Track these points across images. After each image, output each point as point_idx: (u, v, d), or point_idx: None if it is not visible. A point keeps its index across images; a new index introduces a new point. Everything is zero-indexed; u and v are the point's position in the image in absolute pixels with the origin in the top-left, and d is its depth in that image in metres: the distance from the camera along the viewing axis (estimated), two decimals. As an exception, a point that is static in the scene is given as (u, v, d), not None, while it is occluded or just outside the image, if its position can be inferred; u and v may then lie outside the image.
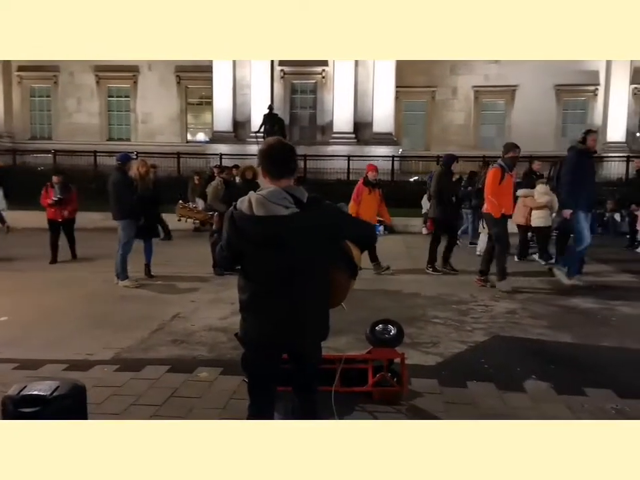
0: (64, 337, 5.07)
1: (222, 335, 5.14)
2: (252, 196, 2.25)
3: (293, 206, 2.21)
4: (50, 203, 8.76)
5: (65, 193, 8.76)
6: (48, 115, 22.46)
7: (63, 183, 8.84)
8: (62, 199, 8.68)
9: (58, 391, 2.46)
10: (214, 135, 20.61)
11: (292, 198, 2.22)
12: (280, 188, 2.24)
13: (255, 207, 2.22)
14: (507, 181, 6.94)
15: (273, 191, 2.23)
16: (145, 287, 7.19)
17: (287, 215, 2.20)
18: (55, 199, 8.69)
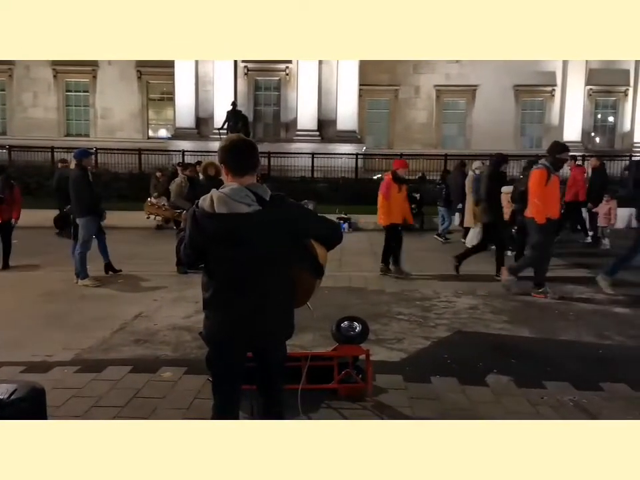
0: (21, 338, 4.91)
1: (186, 333, 5.07)
2: (214, 193, 2.24)
3: (255, 204, 2.20)
4: None
5: (5, 192, 7.87)
6: (2, 109, 21.64)
7: (3, 180, 8.01)
8: (2, 199, 7.75)
9: (16, 394, 2.38)
10: (176, 132, 20.29)
11: (254, 196, 2.21)
12: (242, 186, 2.23)
13: (217, 204, 2.20)
14: (554, 182, 6.32)
15: (235, 189, 2.22)
16: (106, 285, 7.03)
17: (248, 213, 2.19)
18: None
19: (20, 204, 8.22)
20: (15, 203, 8.08)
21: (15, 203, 8.08)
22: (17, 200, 8.15)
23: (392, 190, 7.58)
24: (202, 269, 2.38)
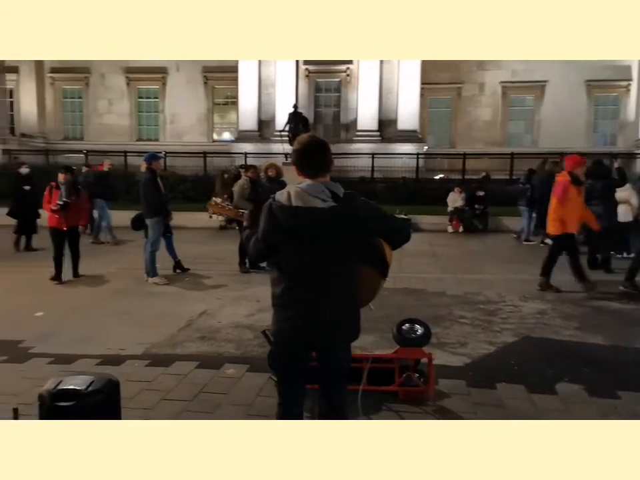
0: (96, 332, 5.19)
1: (248, 331, 5.19)
2: (291, 188, 2.29)
3: (330, 200, 2.23)
4: (54, 207, 7.15)
5: (72, 196, 7.23)
6: (80, 116, 22.95)
7: (71, 183, 7.40)
8: (68, 203, 7.11)
9: (93, 386, 2.52)
10: (239, 134, 20.77)
11: (330, 192, 2.25)
12: (318, 182, 2.27)
13: (294, 198, 2.24)
14: None
15: (312, 184, 2.26)
16: (173, 283, 7.30)
17: (323, 208, 2.22)
18: (60, 202, 7.10)
19: (87, 210, 7.79)
20: (82, 209, 7.63)
21: (82, 209, 7.63)
22: (84, 206, 7.70)
23: (570, 193, 6.45)
24: (272, 265, 2.42)
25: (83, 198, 7.54)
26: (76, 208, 7.30)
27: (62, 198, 7.07)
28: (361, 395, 2.91)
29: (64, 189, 7.16)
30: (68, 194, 7.14)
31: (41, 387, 2.64)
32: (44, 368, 4.19)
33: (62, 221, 7.12)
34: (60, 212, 7.08)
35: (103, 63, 21.96)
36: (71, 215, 7.22)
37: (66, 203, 7.06)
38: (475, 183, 14.06)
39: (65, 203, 7.06)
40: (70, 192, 7.19)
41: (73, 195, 7.24)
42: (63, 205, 7.03)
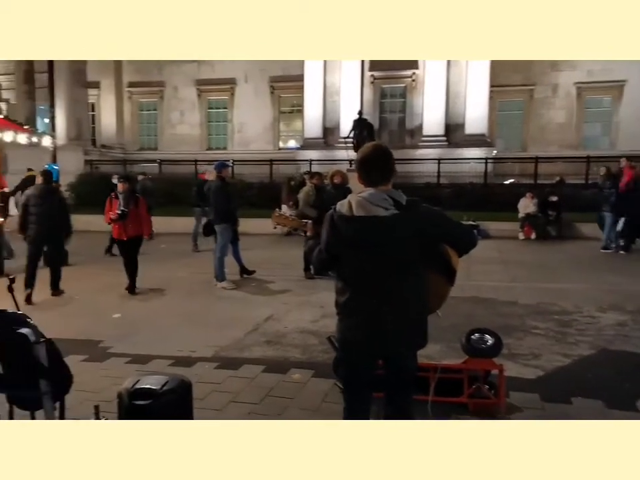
0: (168, 334, 5.41)
1: (313, 337, 5.24)
2: (352, 198, 2.30)
3: (392, 208, 2.23)
4: (112, 217, 7.07)
5: (130, 205, 7.09)
6: (154, 127, 24.08)
7: (129, 192, 7.26)
8: (125, 213, 6.99)
9: (167, 386, 2.64)
10: (304, 142, 21.04)
11: (392, 200, 2.24)
12: (379, 190, 2.27)
13: (355, 207, 2.26)
14: None
15: (374, 193, 2.26)
16: (241, 288, 7.50)
17: (385, 216, 2.22)
18: (117, 212, 7.00)
19: (148, 218, 7.41)
20: (142, 218, 7.25)
21: (142, 218, 7.25)
22: (143, 215, 7.27)
23: None
24: (332, 275, 2.44)
25: (142, 207, 7.26)
26: (135, 217, 7.10)
27: (120, 207, 7.01)
28: (430, 405, 2.86)
29: (122, 198, 7.07)
30: (126, 203, 7.04)
31: (119, 385, 2.79)
32: (122, 367, 4.42)
33: (121, 231, 7.09)
34: (118, 221, 7.02)
35: (177, 77, 22.94)
36: (131, 225, 7.06)
37: (123, 213, 6.97)
38: (548, 188, 13.49)
39: (123, 213, 6.97)
40: (128, 201, 7.07)
41: (132, 204, 7.09)
42: (121, 214, 6.96)
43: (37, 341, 2.23)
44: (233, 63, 22.06)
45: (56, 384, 2.34)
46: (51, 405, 2.33)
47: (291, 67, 21.03)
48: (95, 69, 22.35)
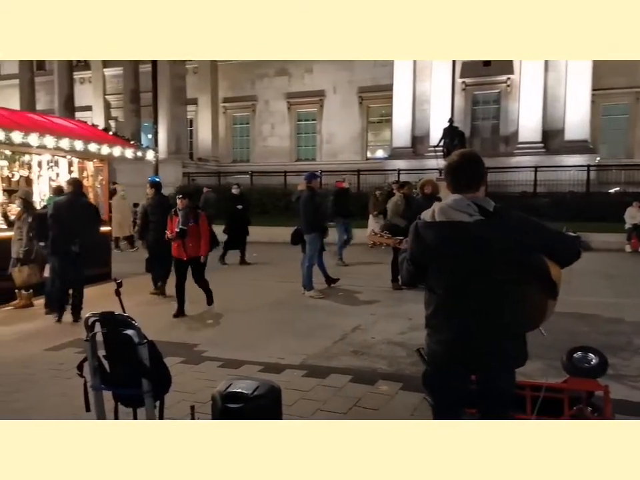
0: (258, 340, 5.55)
1: (400, 349, 5.15)
2: (436, 205, 2.24)
3: (477, 214, 2.13)
4: (170, 236, 6.59)
5: (188, 222, 6.54)
6: (247, 140, 25.10)
7: (189, 208, 6.69)
8: (185, 231, 6.47)
9: (258, 391, 2.70)
10: (392, 151, 20.93)
11: (476, 207, 2.15)
12: (464, 197, 2.19)
13: (437, 214, 2.19)
14: None
15: (457, 199, 2.19)
16: (328, 297, 7.55)
17: (469, 222, 2.13)
18: (176, 230, 6.50)
19: (207, 236, 6.73)
20: (203, 236, 6.65)
21: (203, 236, 6.65)
22: (204, 231, 6.67)
23: None
24: (421, 286, 2.39)
25: (203, 223, 6.67)
26: (196, 235, 6.56)
27: (179, 225, 6.51)
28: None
29: (181, 215, 6.57)
30: (185, 220, 6.51)
31: (212, 388, 2.90)
32: (215, 370, 4.60)
33: (181, 250, 6.56)
34: (178, 240, 6.52)
35: (268, 91, 23.78)
36: (191, 244, 6.55)
37: (182, 231, 6.47)
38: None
39: (182, 230, 6.47)
40: (187, 218, 6.54)
41: (191, 221, 6.55)
42: (179, 232, 6.47)
43: (140, 342, 2.38)
44: (322, 75, 22.51)
45: (156, 384, 2.48)
46: (152, 404, 2.46)
47: (380, 77, 21.07)
48: (193, 87, 23.72)
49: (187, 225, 6.52)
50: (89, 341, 2.46)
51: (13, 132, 7.28)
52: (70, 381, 4.32)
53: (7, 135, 7.17)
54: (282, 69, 23.29)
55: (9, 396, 4.13)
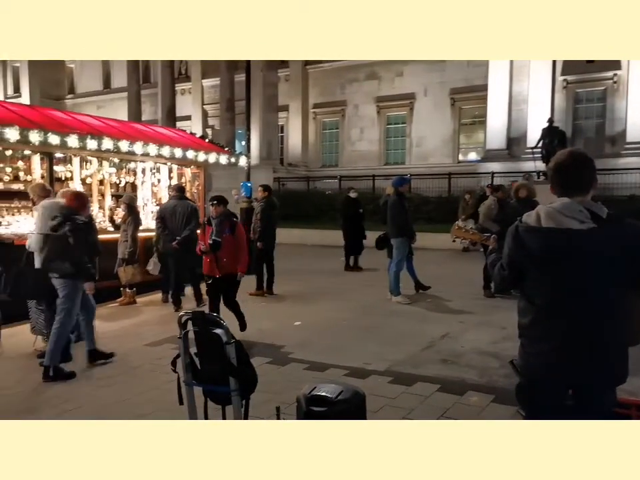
0: (344, 344, 5.55)
1: (493, 359, 4.93)
2: (541, 209, 2.08)
3: (589, 221, 1.97)
4: (202, 249, 5.63)
5: (223, 234, 5.56)
6: (336, 145, 25.32)
7: (224, 216, 5.67)
8: (218, 243, 5.51)
9: (342, 395, 2.68)
10: (486, 154, 20.15)
11: (588, 212, 1.99)
12: (574, 200, 2.03)
13: (544, 219, 2.04)
14: None
15: (566, 203, 2.03)
16: (415, 303, 7.40)
17: (580, 229, 1.97)
18: (210, 241, 5.54)
19: (245, 249, 5.73)
20: (241, 248, 5.65)
21: (241, 248, 5.65)
22: (242, 244, 5.67)
23: None
24: (515, 294, 2.26)
25: (240, 235, 5.71)
26: (231, 248, 5.55)
27: (212, 236, 5.56)
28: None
29: (215, 225, 5.60)
30: (219, 231, 5.55)
31: (298, 390, 2.92)
32: (300, 372, 4.65)
33: (213, 266, 5.56)
34: (210, 253, 5.54)
35: (357, 95, 23.82)
36: (226, 258, 5.52)
37: (216, 243, 5.49)
38: None
39: (215, 243, 5.50)
40: (222, 228, 5.57)
41: (227, 231, 5.58)
42: (213, 244, 5.49)
43: (228, 342, 2.45)
44: (412, 77, 22.20)
45: (243, 383, 2.54)
46: (239, 402, 2.53)
47: (474, 78, 20.42)
48: (284, 94, 24.35)
49: (222, 235, 5.51)
50: (182, 338, 2.58)
51: (120, 141, 7.86)
52: (166, 376, 4.56)
53: (115, 144, 7.75)
54: (372, 72, 23.26)
55: (108, 388, 4.43)
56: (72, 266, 4.66)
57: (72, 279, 4.71)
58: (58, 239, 4.69)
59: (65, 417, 3.78)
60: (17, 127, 6.48)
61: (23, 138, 6.51)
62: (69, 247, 4.63)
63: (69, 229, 4.65)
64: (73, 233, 4.64)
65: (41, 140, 6.72)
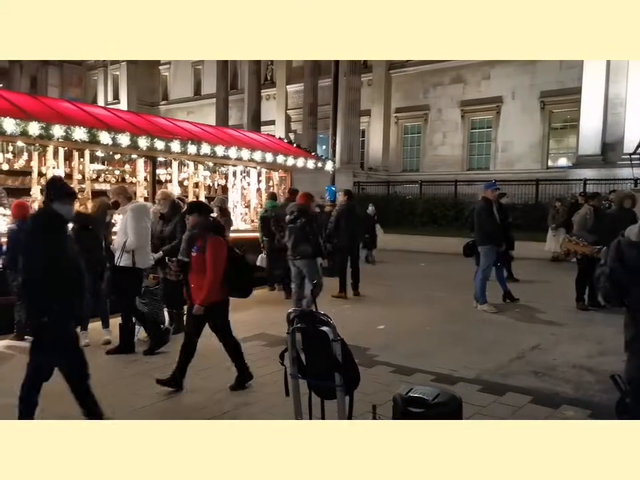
0: (428, 349, 5.55)
1: (588, 374, 4.75)
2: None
3: None
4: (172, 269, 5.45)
5: (191, 251, 4.47)
6: (417, 150, 25.08)
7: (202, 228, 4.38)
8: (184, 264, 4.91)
9: (439, 398, 2.73)
10: (578, 160, 19.17)
11: None
12: None
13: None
14: None
15: None
16: (503, 313, 7.23)
17: None
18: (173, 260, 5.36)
19: (211, 275, 4.19)
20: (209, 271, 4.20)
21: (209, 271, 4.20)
22: (208, 266, 4.20)
23: None
24: (609, 307, 2.22)
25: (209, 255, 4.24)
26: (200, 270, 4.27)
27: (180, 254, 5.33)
28: None
29: (184, 240, 5.16)
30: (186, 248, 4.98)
31: (387, 391, 3.00)
32: (387, 375, 4.72)
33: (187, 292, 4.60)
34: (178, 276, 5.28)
35: (441, 99, 23.45)
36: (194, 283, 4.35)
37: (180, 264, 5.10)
38: None
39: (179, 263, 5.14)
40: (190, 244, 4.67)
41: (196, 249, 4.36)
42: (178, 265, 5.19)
43: (335, 339, 2.59)
44: (500, 80, 21.57)
45: (347, 379, 2.66)
46: (343, 397, 2.66)
47: (567, 80, 19.53)
48: (367, 98, 24.47)
49: (189, 254, 4.55)
50: (289, 334, 2.75)
51: (217, 146, 8.32)
52: (257, 370, 4.80)
53: (212, 149, 8.21)
54: (457, 76, 22.84)
55: (203, 379, 4.71)
56: (312, 248, 6.17)
57: (312, 258, 6.21)
58: (299, 229, 6.17)
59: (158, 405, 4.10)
60: (128, 133, 7.05)
61: (132, 143, 7.08)
62: (306, 234, 6.09)
63: (305, 220, 6.15)
64: (309, 224, 6.18)
65: (147, 145, 7.27)
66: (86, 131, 6.61)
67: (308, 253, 6.20)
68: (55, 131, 6.41)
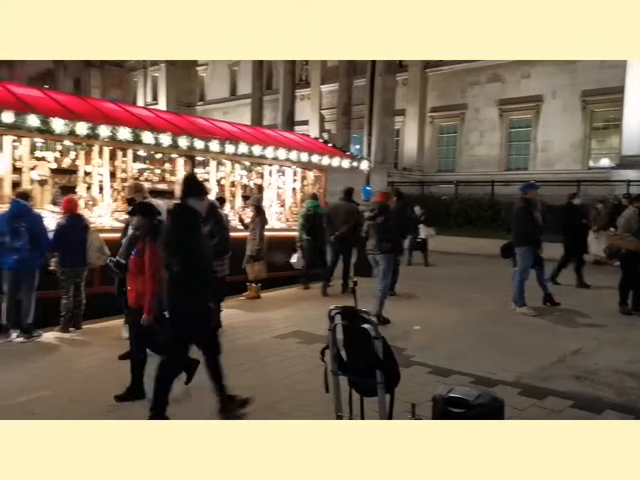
0: (465, 351, 5.49)
1: (630, 379, 4.65)
2: None
3: None
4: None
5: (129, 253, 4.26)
6: (453, 150, 24.77)
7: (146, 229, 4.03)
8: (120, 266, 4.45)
9: (480, 399, 2.71)
10: (621, 160, 18.58)
11: None
12: None
13: None
14: None
15: None
16: (543, 316, 7.09)
17: None
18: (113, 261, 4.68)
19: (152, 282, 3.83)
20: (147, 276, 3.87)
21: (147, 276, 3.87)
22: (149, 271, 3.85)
23: None
24: None
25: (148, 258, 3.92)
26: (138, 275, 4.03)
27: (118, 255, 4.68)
28: None
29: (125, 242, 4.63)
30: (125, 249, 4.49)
31: (425, 392, 2.99)
32: (424, 376, 4.70)
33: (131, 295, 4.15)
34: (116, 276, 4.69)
35: (479, 98, 23.09)
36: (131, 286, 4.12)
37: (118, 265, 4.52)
38: None
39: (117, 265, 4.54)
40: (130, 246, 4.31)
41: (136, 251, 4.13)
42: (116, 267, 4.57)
43: (376, 337, 2.61)
44: (540, 79, 21.11)
45: (388, 377, 2.68)
46: (383, 394, 2.67)
47: (609, 79, 18.98)
48: (402, 98, 24.31)
49: (127, 257, 4.25)
50: (331, 330, 2.77)
51: (254, 145, 8.42)
52: (294, 367, 4.86)
53: (249, 149, 8.32)
54: (495, 75, 22.45)
55: (238, 375, 4.78)
56: (390, 244, 6.59)
57: (389, 253, 6.62)
58: (381, 226, 6.58)
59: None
60: (169, 132, 7.22)
61: (173, 143, 7.24)
62: (387, 230, 6.56)
63: (386, 217, 6.59)
64: (390, 220, 6.62)
65: (188, 145, 7.43)
66: (130, 130, 6.80)
67: (388, 248, 6.63)
68: (101, 130, 6.63)
